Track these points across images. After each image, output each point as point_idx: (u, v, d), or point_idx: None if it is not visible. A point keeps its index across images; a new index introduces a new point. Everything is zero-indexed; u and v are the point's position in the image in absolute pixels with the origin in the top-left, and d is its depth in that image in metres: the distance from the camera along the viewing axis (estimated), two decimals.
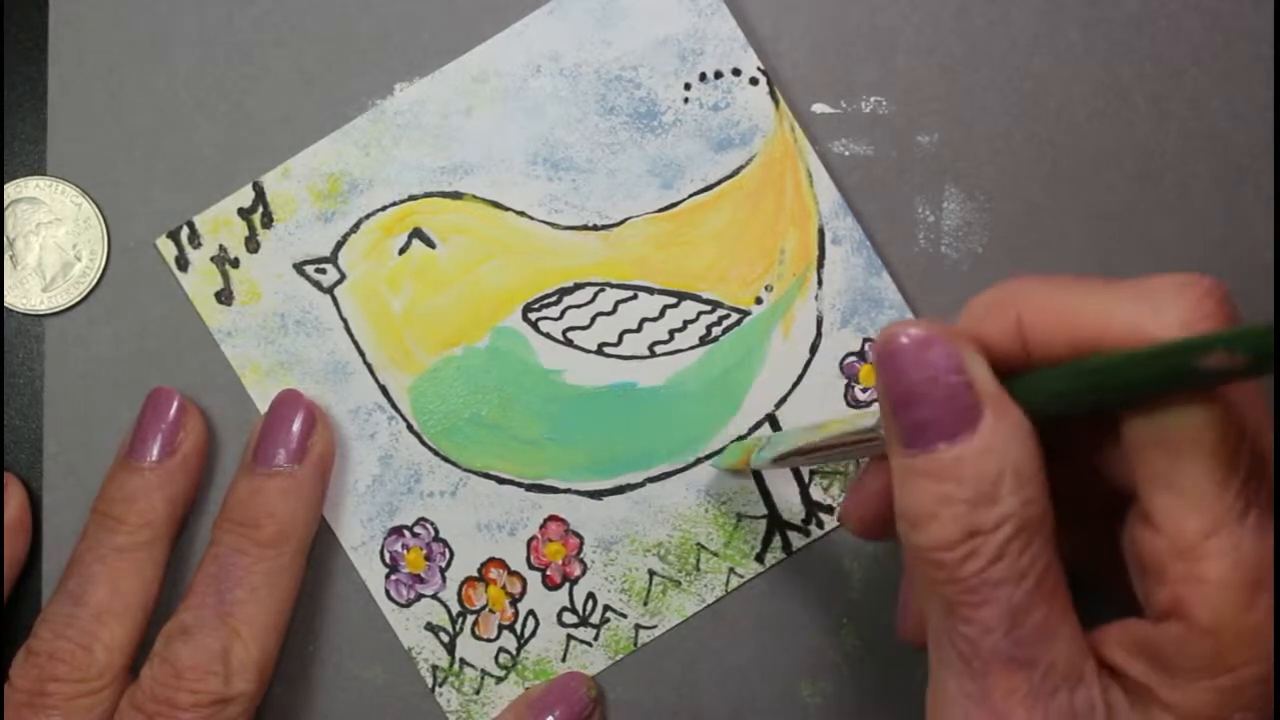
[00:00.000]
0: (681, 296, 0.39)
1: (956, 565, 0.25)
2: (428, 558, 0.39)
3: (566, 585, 0.39)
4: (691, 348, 0.39)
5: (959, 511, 0.25)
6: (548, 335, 0.39)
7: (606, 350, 0.39)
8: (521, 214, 0.39)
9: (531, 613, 0.39)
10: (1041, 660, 0.25)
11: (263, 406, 0.38)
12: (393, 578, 0.39)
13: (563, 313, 0.39)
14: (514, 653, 0.39)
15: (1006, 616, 0.25)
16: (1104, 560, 0.29)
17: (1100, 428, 0.28)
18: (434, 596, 0.39)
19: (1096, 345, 0.25)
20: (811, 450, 0.33)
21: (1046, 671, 0.26)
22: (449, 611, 0.39)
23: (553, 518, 0.39)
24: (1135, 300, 0.25)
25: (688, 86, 0.39)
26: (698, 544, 0.39)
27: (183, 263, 0.39)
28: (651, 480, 0.39)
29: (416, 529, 0.39)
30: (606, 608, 0.39)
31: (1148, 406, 0.25)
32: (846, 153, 0.39)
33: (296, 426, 0.37)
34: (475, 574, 0.39)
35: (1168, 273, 0.25)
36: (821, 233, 0.39)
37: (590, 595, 0.39)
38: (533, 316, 0.39)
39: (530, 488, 0.39)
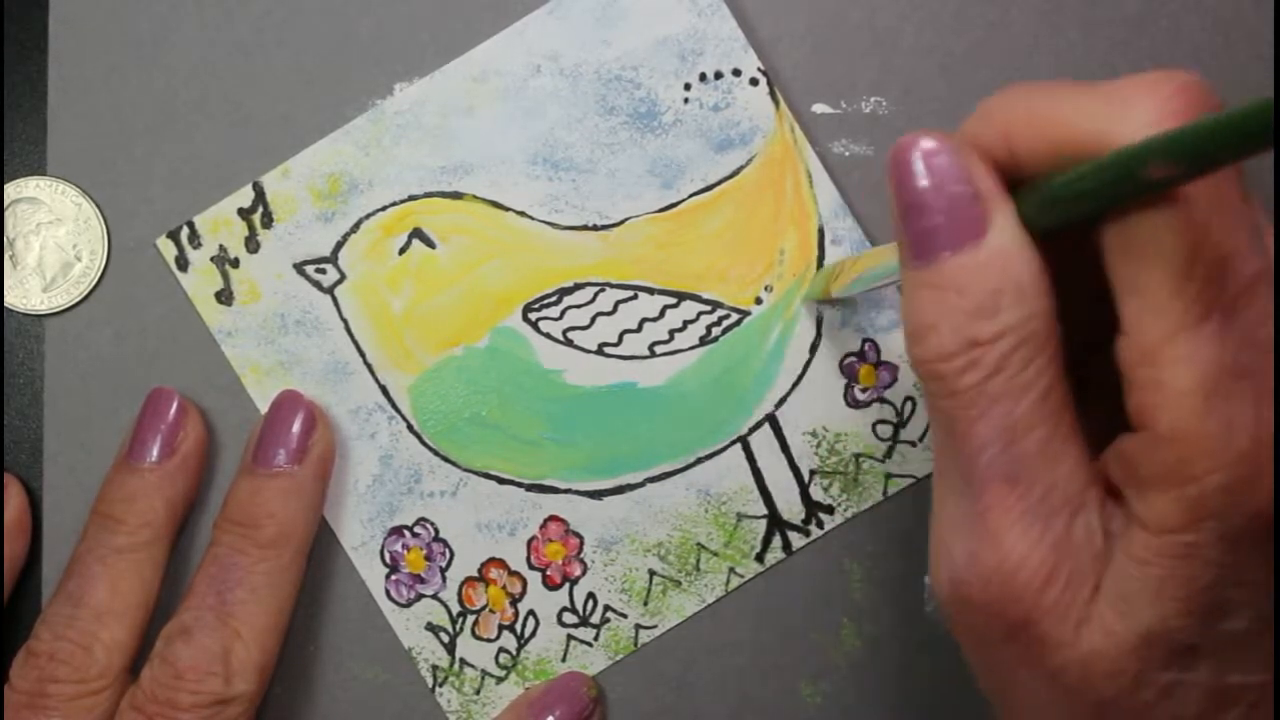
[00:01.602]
0: (681, 297, 0.39)
1: (955, 376, 0.25)
2: (428, 558, 0.39)
3: (566, 585, 0.39)
4: (691, 348, 0.39)
5: (959, 322, 0.25)
6: (548, 335, 0.39)
7: (606, 350, 0.39)
8: (522, 214, 0.39)
9: (531, 613, 0.39)
10: (1040, 481, 0.25)
11: (263, 406, 0.38)
12: (393, 578, 0.39)
13: (563, 313, 0.39)
14: (514, 653, 0.39)
15: (1005, 432, 0.25)
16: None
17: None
18: (434, 596, 0.39)
19: (1073, 152, 0.25)
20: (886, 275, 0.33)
21: (1045, 493, 0.25)
22: (449, 611, 0.39)
23: (553, 518, 0.39)
24: (1107, 102, 0.25)
25: (688, 87, 0.39)
26: (698, 544, 0.39)
27: (183, 263, 0.39)
28: (651, 480, 0.39)
29: (416, 529, 0.39)
30: (606, 608, 0.39)
31: (1116, 216, 0.25)
32: (846, 153, 0.39)
33: (297, 427, 0.37)
34: (475, 574, 0.39)
35: (1147, 71, 0.25)
36: (821, 233, 0.39)
37: (590, 595, 0.39)
38: (533, 316, 0.39)
39: (530, 488, 0.39)
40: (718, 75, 0.39)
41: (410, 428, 0.39)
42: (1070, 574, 0.25)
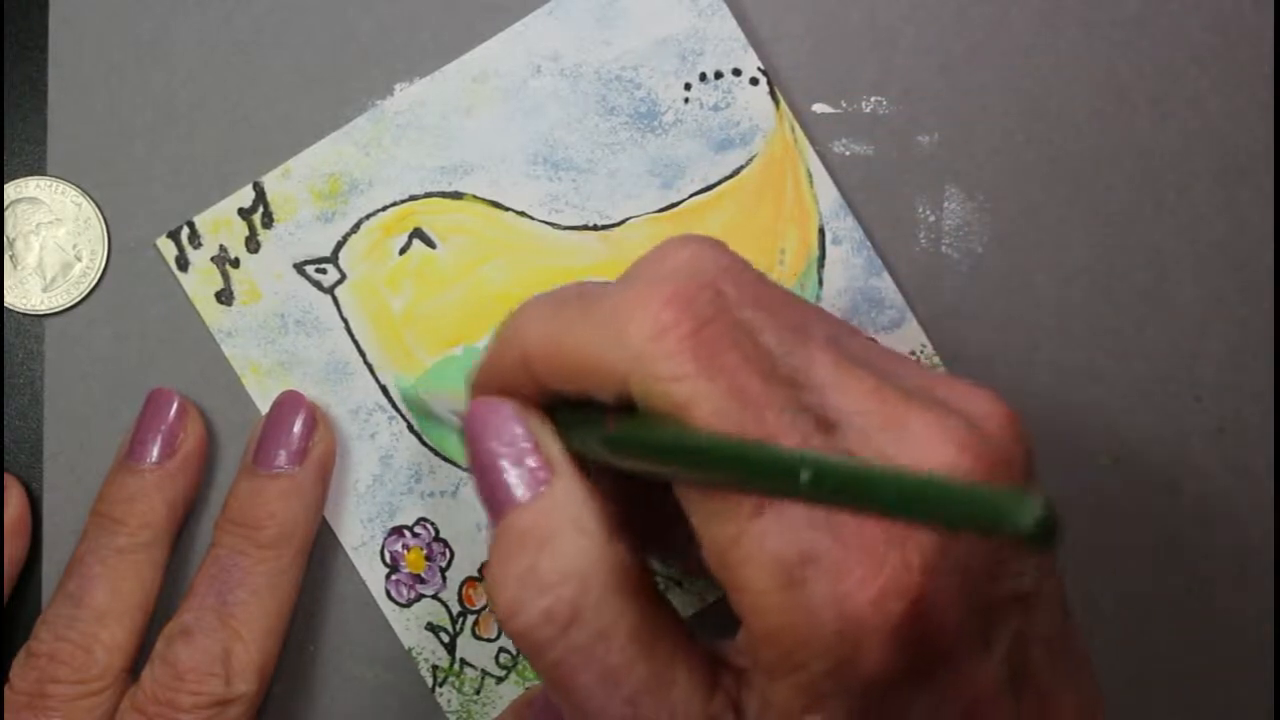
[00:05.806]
0: None
1: (535, 632, 0.25)
2: (428, 558, 0.39)
3: None
4: None
5: (526, 578, 0.26)
6: None
7: None
8: (522, 214, 0.39)
9: None
10: (660, 711, 0.25)
11: (263, 407, 0.38)
12: (393, 578, 0.39)
13: None
14: (514, 653, 0.39)
15: (605, 678, 0.25)
16: None
17: None
18: (434, 596, 0.39)
19: (580, 378, 0.26)
20: None
21: None
22: (449, 611, 0.39)
23: None
24: (602, 329, 0.25)
25: (688, 86, 0.39)
26: None
27: (183, 263, 0.39)
28: None
29: (417, 529, 0.39)
30: None
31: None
32: (847, 153, 0.39)
33: (297, 428, 0.37)
34: (476, 574, 0.39)
35: (635, 285, 0.26)
36: (822, 233, 0.39)
37: None
38: None
39: None
40: (718, 75, 0.39)
41: (410, 428, 0.39)
42: None
